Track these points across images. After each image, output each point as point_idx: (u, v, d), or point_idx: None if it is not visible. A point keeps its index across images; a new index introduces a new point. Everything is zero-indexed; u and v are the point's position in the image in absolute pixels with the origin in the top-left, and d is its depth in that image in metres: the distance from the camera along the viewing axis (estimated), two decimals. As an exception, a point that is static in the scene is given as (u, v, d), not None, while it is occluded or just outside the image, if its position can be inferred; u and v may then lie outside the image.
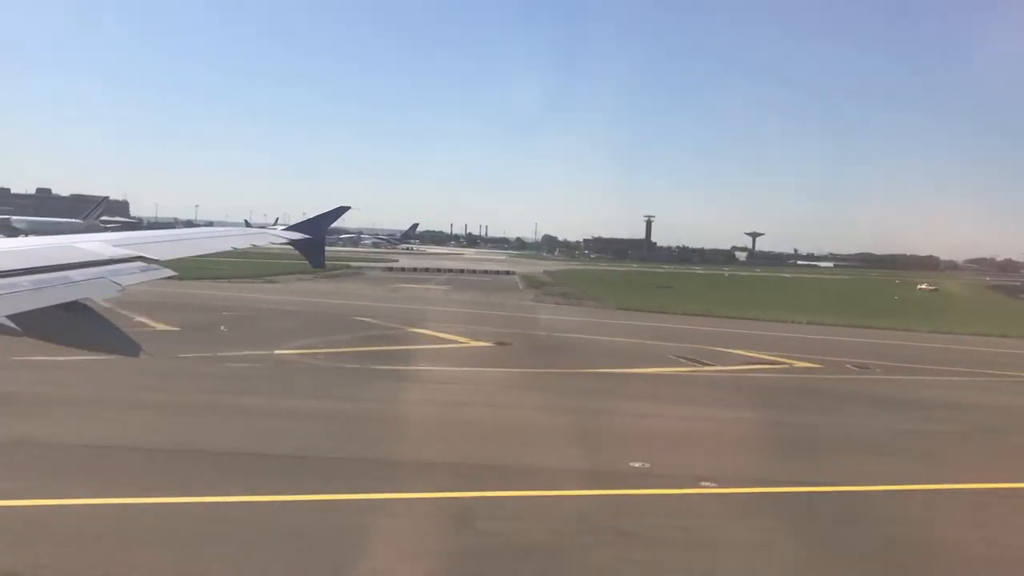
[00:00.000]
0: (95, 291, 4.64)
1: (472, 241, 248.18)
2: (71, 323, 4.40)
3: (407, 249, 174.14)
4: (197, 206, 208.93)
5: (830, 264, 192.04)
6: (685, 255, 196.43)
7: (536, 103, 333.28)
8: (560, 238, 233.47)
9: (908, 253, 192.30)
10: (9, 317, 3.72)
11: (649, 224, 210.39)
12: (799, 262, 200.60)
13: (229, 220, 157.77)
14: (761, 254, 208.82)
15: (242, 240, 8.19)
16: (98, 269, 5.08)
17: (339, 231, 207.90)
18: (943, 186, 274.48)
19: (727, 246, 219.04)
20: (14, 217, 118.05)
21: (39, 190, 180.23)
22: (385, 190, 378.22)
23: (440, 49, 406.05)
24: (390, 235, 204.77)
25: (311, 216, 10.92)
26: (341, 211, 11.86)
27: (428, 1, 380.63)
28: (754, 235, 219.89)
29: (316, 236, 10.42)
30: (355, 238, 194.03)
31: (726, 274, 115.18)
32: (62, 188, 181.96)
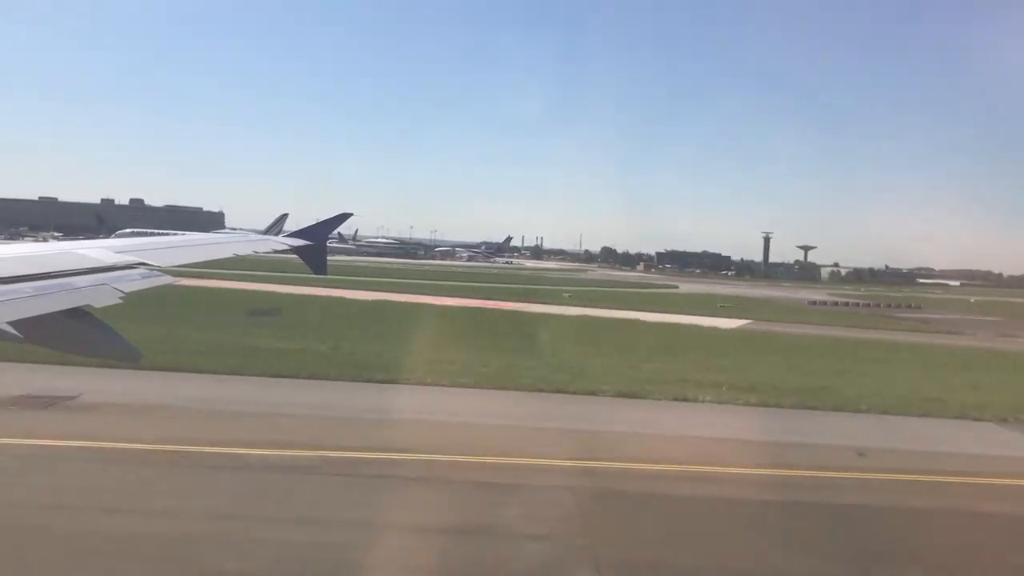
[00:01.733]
0: (97, 298, 4.63)
1: (537, 253, 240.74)
2: (73, 329, 4.39)
3: (508, 263, 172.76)
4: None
5: (956, 283, 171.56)
6: (807, 271, 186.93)
7: (578, 114, 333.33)
8: (619, 250, 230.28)
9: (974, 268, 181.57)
10: (11, 323, 3.70)
11: (767, 241, 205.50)
12: (920, 280, 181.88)
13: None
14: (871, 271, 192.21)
15: (244, 247, 8.18)
16: (100, 276, 5.07)
17: (433, 244, 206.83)
18: (970, 197, 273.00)
19: (740, 255, 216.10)
20: (183, 233, 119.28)
21: (132, 200, 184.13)
22: (415, 201, 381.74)
23: (463, 59, 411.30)
24: (475, 248, 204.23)
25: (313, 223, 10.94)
26: (343, 217, 11.87)
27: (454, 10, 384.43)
28: (806, 248, 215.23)
29: (318, 243, 10.42)
30: (450, 251, 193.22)
31: (972, 300, 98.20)
32: (153, 199, 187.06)
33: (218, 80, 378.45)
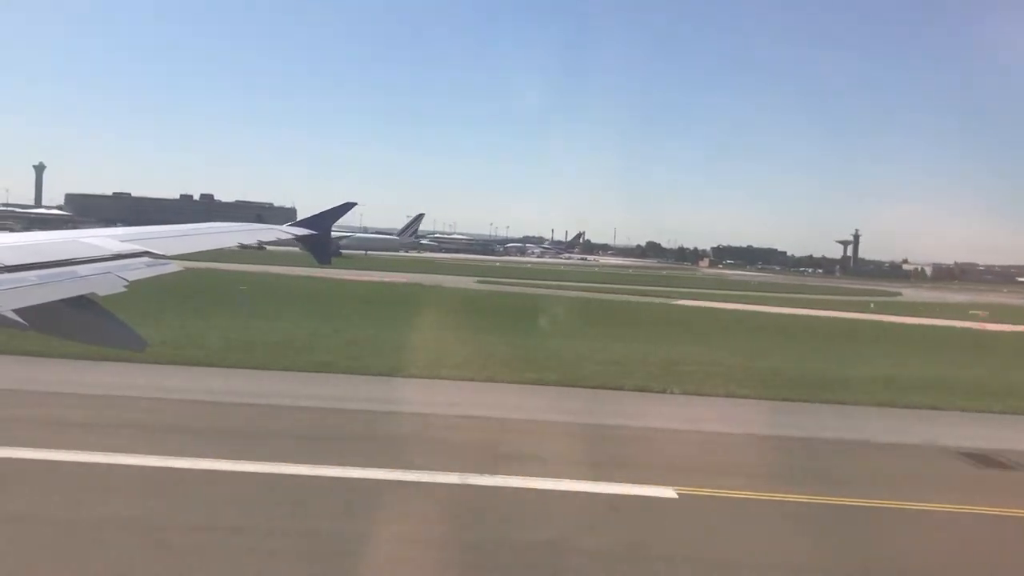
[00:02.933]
0: (101, 286, 4.60)
1: (589, 248, 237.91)
2: (77, 318, 4.37)
3: (583, 259, 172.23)
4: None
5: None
6: (896, 271, 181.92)
7: (604, 119, 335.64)
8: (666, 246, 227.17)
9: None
10: (15, 311, 3.69)
11: (857, 239, 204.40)
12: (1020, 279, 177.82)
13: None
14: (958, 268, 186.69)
15: (248, 236, 8.15)
16: (104, 264, 5.04)
17: (502, 240, 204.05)
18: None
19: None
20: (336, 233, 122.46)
21: (203, 196, 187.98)
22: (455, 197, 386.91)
23: (487, 61, 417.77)
24: (541, 243, 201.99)
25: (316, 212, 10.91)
26: (347, 207, 11.83)
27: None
28: (846, 243, 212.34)
29: (322, 232, 10.40)
30: (521, 247, 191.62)
31: None
32: (223, 194, 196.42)
33: (291, 81, 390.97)
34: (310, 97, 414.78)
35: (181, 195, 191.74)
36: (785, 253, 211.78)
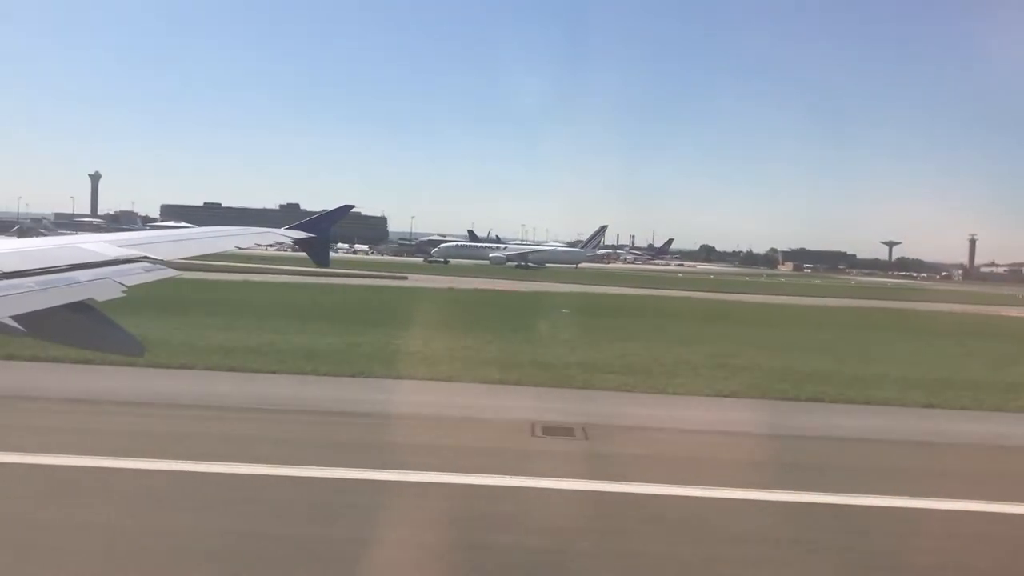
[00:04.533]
0: (100, 291, 4.63)
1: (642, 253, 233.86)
2: (75, 323, 4.39)
3: (680, 265, 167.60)
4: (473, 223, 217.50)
5: None
6: (1017, 275, 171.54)
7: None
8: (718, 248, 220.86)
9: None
10: (13, 317, 3.71)
11: (973, 243, 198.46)
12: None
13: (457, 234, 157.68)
14: None
15: (246, 239, 8.18)
16: (103, 270, 5.07)
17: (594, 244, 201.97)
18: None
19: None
20: (510, 243, 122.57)
21: (289, 205, 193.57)
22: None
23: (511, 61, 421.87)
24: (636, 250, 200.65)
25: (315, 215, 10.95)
26: (345, 210, 11.90)
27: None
28: (891, 244, 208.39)
29: (321, 235, 10.41)
30: (612, 253, 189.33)
31: None
32: (308, 203, 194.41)
33: (377, 92, 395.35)
34: (394, 111, 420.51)
35: (280, 205, 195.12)
36: (855, 256, 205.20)
